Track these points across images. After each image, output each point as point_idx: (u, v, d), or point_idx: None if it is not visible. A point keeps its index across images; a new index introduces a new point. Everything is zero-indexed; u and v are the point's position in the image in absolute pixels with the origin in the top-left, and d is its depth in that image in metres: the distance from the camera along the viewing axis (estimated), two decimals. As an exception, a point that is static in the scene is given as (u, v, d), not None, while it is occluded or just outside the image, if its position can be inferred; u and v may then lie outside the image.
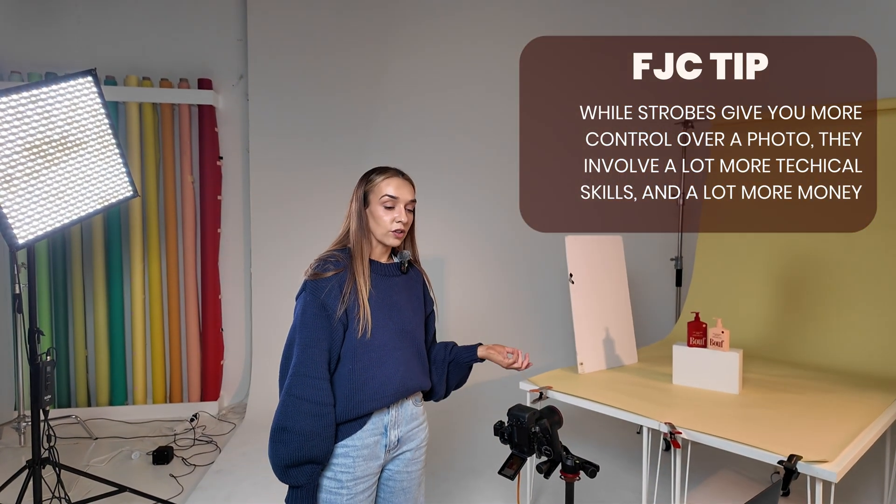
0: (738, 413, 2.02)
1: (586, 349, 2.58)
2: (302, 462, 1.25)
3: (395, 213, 1.39)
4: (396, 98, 4.12)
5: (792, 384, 2.40)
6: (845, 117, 3.04)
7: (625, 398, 2.17)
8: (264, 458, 3.04)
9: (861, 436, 1.79)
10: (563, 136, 4.22)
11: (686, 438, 1.85)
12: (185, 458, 3.14)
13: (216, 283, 4.03)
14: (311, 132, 4.05)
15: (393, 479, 1.45)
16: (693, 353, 2.35)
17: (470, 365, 1.59)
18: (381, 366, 1.36)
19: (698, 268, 3.51)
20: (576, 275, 2.59)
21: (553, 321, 4.20)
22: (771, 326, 3.09)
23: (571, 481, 1.42)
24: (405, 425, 1.43)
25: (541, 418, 1.42)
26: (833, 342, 2.82)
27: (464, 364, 1.58)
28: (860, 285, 2.84)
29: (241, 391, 4.16)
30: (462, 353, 1.58)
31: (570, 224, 4.12)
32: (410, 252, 1.50)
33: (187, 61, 4.00)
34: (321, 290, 1.31)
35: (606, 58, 4.19)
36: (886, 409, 2.08)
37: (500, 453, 2.96)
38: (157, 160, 3.87)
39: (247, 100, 4.06)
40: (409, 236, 1.49)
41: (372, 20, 4.06)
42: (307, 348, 1.29)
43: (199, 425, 3.66)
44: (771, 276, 3.18)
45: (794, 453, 1.61)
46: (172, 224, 3.90)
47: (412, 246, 1.51)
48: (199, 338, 3.99)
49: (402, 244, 1.48)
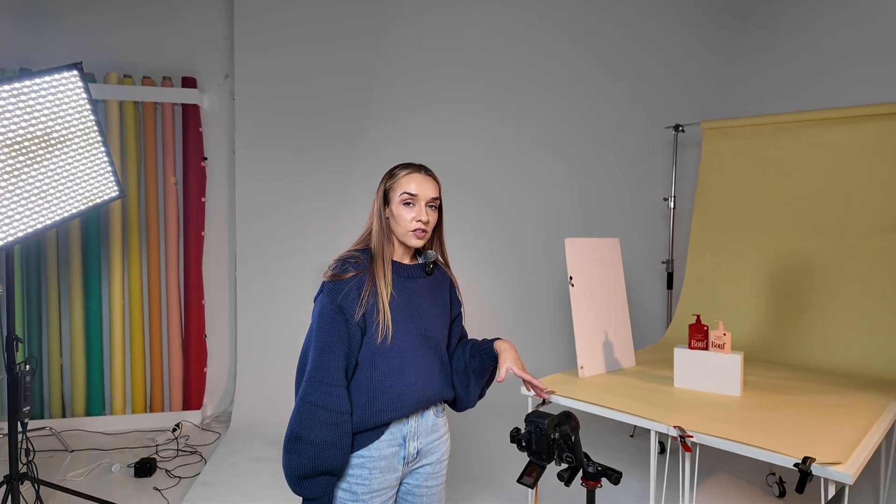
0: (743, 416, 2.01)
1: (586, 353, 2.56)
2: (317, 473, 1.19)
3: (416, 211, 1.32)
4: (388, 99, 4.06)
5: (791, 386, 2.42)
6: (836, 122, 3.11)
7: (629, 402, 2.15)
8: (254, 469, 2.96)
9: (868, 437, 1.80)
10: (554, 137, 4.24)
11: (696, 442, 1.83)
12: (168, 471, 3.02)
13: (199, 287, 3.90)
14: (300, 133, 3.96)
15: (412, 493, 1.38)
16: (694, 356, 2.34)
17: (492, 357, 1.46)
18: (402, 374, 1.29)
19: (690, 271, 3.53)
20: (575, 277, 2.57)
21: (546, 324, 4.18)
22: (764, 329, 3.12)
23: (593, 489, 1.37)
24: (425, 437, 1.37)
25: (560, 424, 1.37)
26: (827, 344, 2.86)
27: (486, 369, 1.48)
28: (852, 287, 2.89)
29: (226, 399, 4.03)
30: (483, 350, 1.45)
31: (562, 226, 4.12)
32: (437, 252, 1.43)
33: (171, 59, 3.88)
34: (338, 293, 1.25)
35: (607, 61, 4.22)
36: (887, 409, 2.10)
37: (498, 460, 2.90)
38: (138, 160, 3.73)
39: (233, 99, 3.95)
40: (437, 236, 1.42)
41: (363, 18, 4.00)
42: (323, 353, 1.23)
43: (181, 435, 3.53)
44: (762, 279, 3.22)
45: (807, 456, 1.60)
46: (154, 226, 3.76)
47: (440, 246, 1.44)
48: (182, 344, 3.85)
49: (429, 244, 1.41)
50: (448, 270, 1.50)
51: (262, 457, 3.15)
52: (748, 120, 3.42)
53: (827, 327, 2.90)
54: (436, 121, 4.10)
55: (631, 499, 2.63)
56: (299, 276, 3.94)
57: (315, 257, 3.96)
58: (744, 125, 3.43)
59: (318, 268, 3.96)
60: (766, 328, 3.12)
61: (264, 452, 3.21)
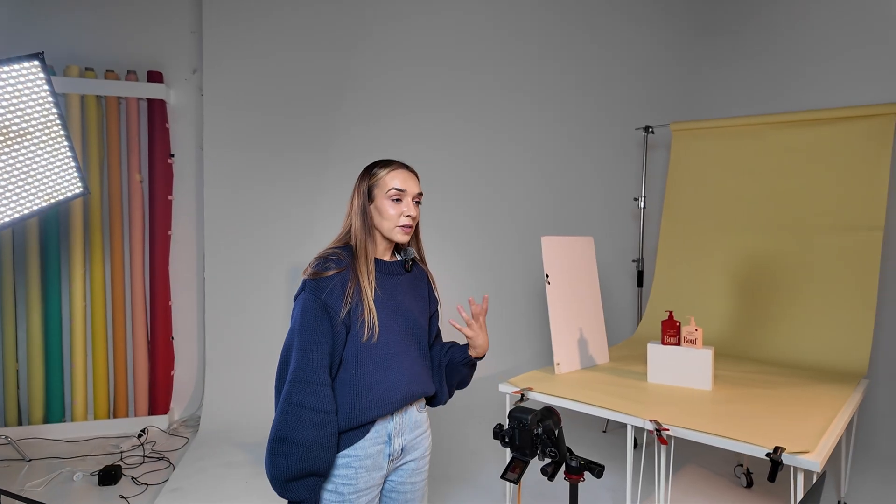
0: (715, 409, 2.06)
1: (562, 349, 2.59)
2: (304, 475, 1.16)
3: (404, 206, 1.32)
4: (363, 96, 4.02)
5: (759, 379, 2.50)
6: (797, 125, 3.23)
7: (606, 397, 2.18)
8: (225, 474, 2.89)
9: (833, 426, 1.88)
10: (526, 138, 4.27)
11: (671, 435, 1.87)
12: (135, 478, 2.91)
13: (166, 288, 3.79)
14: (271, 130, 3.89)
15: (396, 490, 1.38)
16: (667, 351, 2.39)
17: (469, 363, 1.50)
18: (387, 370, 1.29)
19: (659, 269, 3.61)
20: (551, 275, 2.59)
21: (521, 322, 4.21)
22: (731, 325, 3.21)
23: (576, 483, 1.39)
24: (409, 433, 1.37)
25: (543, 419, 1.38)
26: (791, 339, 2.96)
27: (459, 364, 1.50)
28: (814, 284, 3.00)
29: (194, 403, 3.92)
30: (457, 354, 1.50)
31: (535, 226, 4.16)
32: (415, 249, 1.43)
33: (135, 52, 3.76)
34: (322, 290, 1.23)
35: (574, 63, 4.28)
36: (847, 400, 2.19)
37: (476, 458, 2.91)
38: (100, 157, 3.60)
39: (201, 95, 3.85)
40: (414, 233, 1.42)
41: (338, 15, 3.95)
42: (308, 352, 1.20)
43: (147, 441, 3.42)
44: (729, 277, 3.32)
45: (778, 445, 1.66)
46: (118, 225, 3.63)
47: (417, 243, 1.45)
48: (148, 347, 3.73)
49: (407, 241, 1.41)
50: (425, 267, 1.50)
51: (233, 461, 3.08)
52: (715, 122, 3.52)
53: (790, 323, 3.01)
54: (411, 121, 4.08)
55: (606, 493, 2.67)
56: (270, 275, 3.87)
57: (287, 257, 3.89)
58: (711, 127, 3.54)
59: (290, 267, 3.89)
60: (733, 324, 3.21)
61: (236, 456, 3.14)
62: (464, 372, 1.51)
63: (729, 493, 2.67)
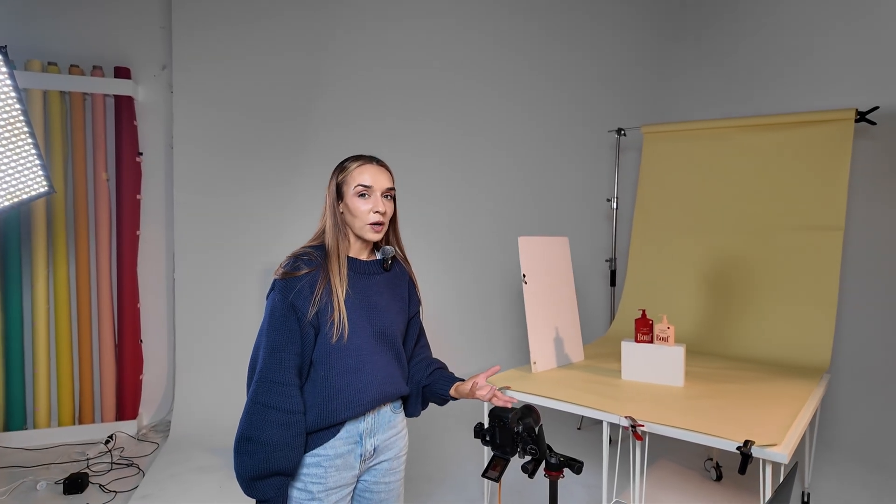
0: (688, 405, 2.12)
1: (539, 348, 2.62)
2: (269, 474, 1.16)
3: (372, 202, 1.29)
4: (336, 95, 3.99)
5: (728, 375, 2.57)
6: (763, 128, 3.34)
7: (582, 395, 2.21)
8: (198, 479, 2.83)
9: (798, 419, 1.95)
10: (501, 140, 4.31)
11: (646, 430, 1.91)
12: (102, 485, 2.83)
13: (134, 290, 3.68)
14: (242, 129, 3.82)
15: (370, 490, 1.37)
16: (641, 349, 2.44)
17: (443, 399, 1.47)
18: (358, 372, 1.28)
19: (632, 268, 3.68)
20: (528, 275, 2.62)
21: (497, 321, 4.24)
22: (701, 322, 3.30)
23: (556, 479, 1.41)
24: (382, 433, 1.36)
25: (524, 417, 1.40)
26: (758, 335, 3.06)
27: (437, 396, 1.48)
28: (779, 282, 3.11)
29: (164, 408, 3.83)
30: (439, 385, 1.46)
31: (510, 226, 4.19)
32: (394, 247, 1.42)
33: (101, 47, 3.65)
34: (291, 291, 1.22)
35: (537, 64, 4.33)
36: (812, 394, 2.28)
37: (452, 458, 2.92)
38: (64, 155, 3.48)
39: (171, 92, 3.76)
40: (392, 229, 1.40)
41: (311, 11, 3.90)
42: (274, 352, 1.20)
43: (115, 447, 3.33)
44: (699, 275, 3.40)
45: (748, 439, 1.71)
46: (83, 225, 3.52)
47: (396, 239, 1.43)
48: (115, 351, 3.62)
49: (384, 239, 1.40)
50: (407, 266, 1.48)
51: (206, 466, 3.02)
52: (685, 125, 3.61)
53: (757, 320, 3.11)
54: (386, 123, 4.07)
55: (581, 489, 2.71)
56: (242, 276, 3.80)
57: (259, 257, 3.83)
58: (681, 130, 3.62)
59: (262, 268, 3.83)
60: (702, 321, 3.30)
61: (208, 461, 3.08)
62: (437, 401, 1.49)
63: (700, 487, 2.74)
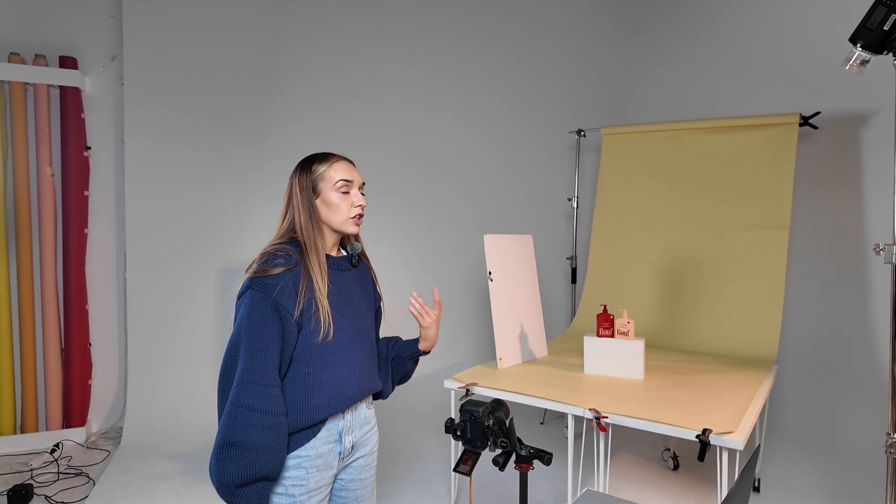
0: (648, 396, 2.19)
1: (505, 344, 2.65)
2: (253, 480, 1.12)
3: (353, 196, 1.32)
4: (294, 83, 3.90)
5: (684, 368, 2.67)
6: (714, 131, 3.48)
7: (547, 389, 2.25)
8: (153, 486, 2.73)
9: (751, 408, 2.04)
10: (464, 139, 4.33)
11: (609, 422, 1.96)
12: (49, 496, 2.68)
13: (82, 291, 3.51)
14: (198, 120, 3.69)
15: (346, 488, 1.36)
16: (602, 343, 2.50)
17: (414, 359, 1.53)
18: (338, 367, 1.26)
19: (591, 266, 3.77)
20: (494, 272, 2.64)
21: (461, 318, 4.25)
22: (658, 317, 3.41)
23: (526, 471, 1.43)
24: (359, 430, 1.35)
25: (494, 411, 1.41)
26: (711, 329, 3.19)
27: (406, 359, 1.52)
28: (731, 278, 3.24)
29: (115, 413, 3.66)
30: (404, 348, 1.52)
31: (473, 225, 4.22)
32: (360, 244, 1.41)
33: (45, 35, 3.46)
34: (272, 289, 1.18)
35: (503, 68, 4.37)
36: (762, 383, 2.39)
37: (418, 456, 2.92)
38: (3, 148, 3.28)
39: (121, 83, 3.60)
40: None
41: (269, 2, 3.81)
42: (256, 353, 1.15)
43: (62, 456, 3.16)
44: (655, 272, 3.52)
45: (706, 427, 1.78)
46: (25, 223, 3.32)
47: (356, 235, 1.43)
48: (61, 355, 3.44)
49: (349, 236, 1.40)
50: (368, 262, 1.50)
51: (162, 472, 2.90)
52: (641, 127, 3.72)
53: (710, 314, 3.24)
54: (346, 116, 4.02)
55: (545, 482, 2.76)
56: (199, 276, 3.68)
57: (216, 256, 3.72)
58: (637, 132, 3.74)
59: (220, 267, 3.72)
60: (659, 316, 3.41)
61: (164, 468, 2.96)
62: (408, 366, 1.53)
63: (659, 476, 2.83)
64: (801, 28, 3.48)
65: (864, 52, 1.64)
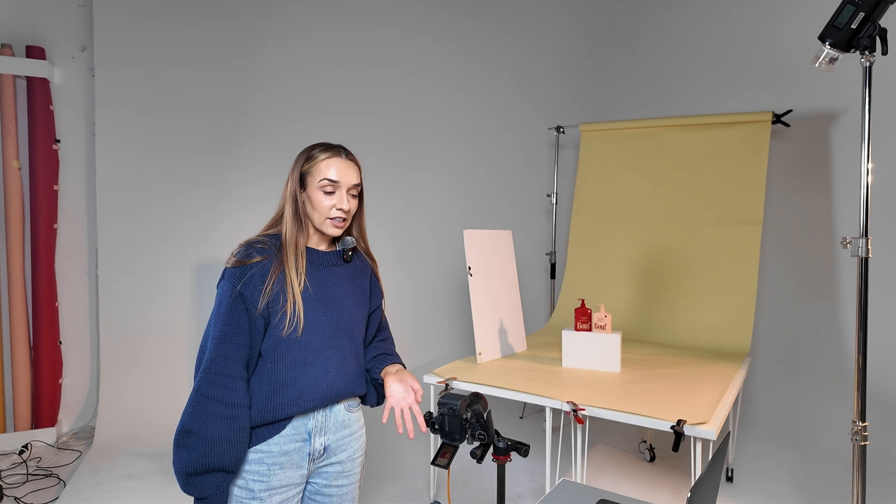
0: (625, 389, 2.22)
1: (484, 339, 2.65)
2: (208, 470, 1.11)
3: (336, 199, 1.25)
4: (273, 75, 3.84)
5: (660, 361, 2.71)
6: (690, 128, 3.53)
7: (526, 383, 2.27)
8: (127, 487, 2.68)
9: (724, 399, 2.08)
10: (444, 135, 4.32)
11: (587, 415, 1.98)
12: (18, 498, 2.61)
13: (52, 287, 3.42)
14: (171, 113, 3.61)
15: (321, 493, 1.30)
16: (580, 337, 2.53)
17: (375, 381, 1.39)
18: (308, 366, 1.22)
19: (570, 261, 3.80)
20: (473, 267, 2.65)
21: (441, 314, 4.25)
22: (634, 311, 3.45)
23: (503, 463, 1.43)
24: (334, 433, 1.29)
25: (472, 404, 1.41)
26: (686, 323, 3.24)
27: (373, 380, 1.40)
28: (704, 273, 3.30)
29: (87, 413, 3.58)
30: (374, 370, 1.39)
31: (453, 221, 4.22)
32: (356, 238, 1.37)
33: (10, 24, 3.35)
34: (239, 280, 1.17)
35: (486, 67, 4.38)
36: (735, 376, 2.44)
37: (394, 451, 2.92)
38: (-32, 140, 3.17)
39: (92, 75, 3.51)
40: (357, 223, 1.36)
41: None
42: (221, 343, 1.15)
43: (31, 457, 3.08)
44: (632, 267, 3.56)
45: (680, 418, 1.81)
46: (-9, 218, 3.23)
47: (360, 233, 1.38)
48: (30, 353, 3.35)
49: (348, 230, 1.34)
50: (372, 261, 1.44)
51: (135, 472, 2.85)
52: (619, 124, 3.76)
53: (685, 308, 3.29)
54: (327, 112, 3.98)
55: (524, 475, 2.78)
56: (172, 272, 3.61)
57: (190, 252, 3.65)
58: (615, 129, 3.77)
59: (194, 263, 3.65)
60: (636, 311, 3.46)
61: (138, 467, 2.91)
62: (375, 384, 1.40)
63: (636, 468, 2.87)
64: (774, 27, 3.55)
65: (832, 51, 1.68)
